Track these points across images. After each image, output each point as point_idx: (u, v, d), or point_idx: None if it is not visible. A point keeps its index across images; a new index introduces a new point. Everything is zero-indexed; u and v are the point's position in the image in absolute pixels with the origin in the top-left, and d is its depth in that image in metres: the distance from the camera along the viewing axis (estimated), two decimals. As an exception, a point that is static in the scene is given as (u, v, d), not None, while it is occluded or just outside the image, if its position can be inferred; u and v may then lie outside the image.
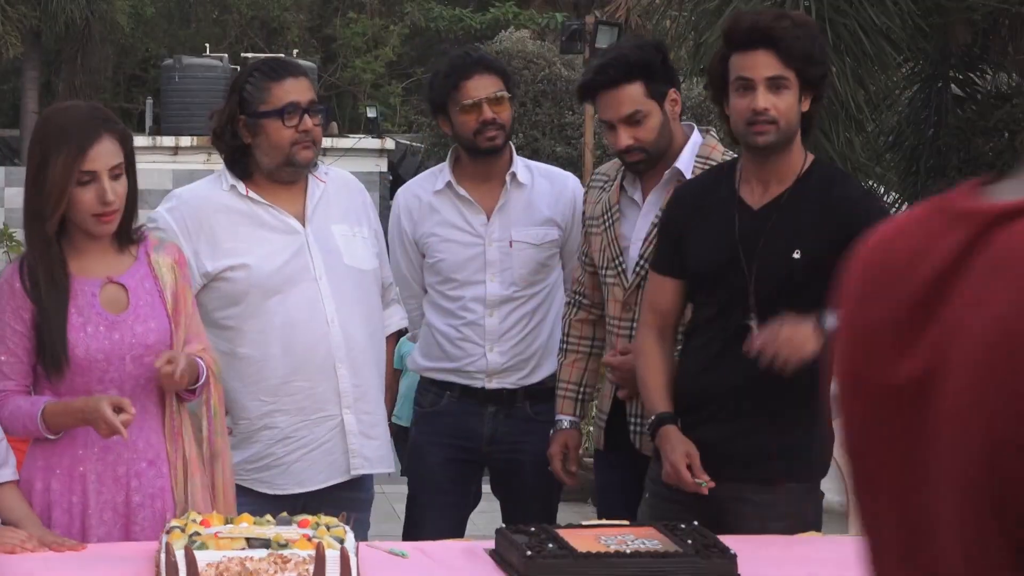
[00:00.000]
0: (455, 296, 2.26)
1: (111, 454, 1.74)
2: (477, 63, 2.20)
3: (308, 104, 2.02)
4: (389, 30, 13.67)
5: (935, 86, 3.97)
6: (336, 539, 1.41)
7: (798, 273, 1.76)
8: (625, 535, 1.55)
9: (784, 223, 1.78)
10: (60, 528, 1.72)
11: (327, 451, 2.03)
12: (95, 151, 1.70)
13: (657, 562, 1.48)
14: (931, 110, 3.95)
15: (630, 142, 1.95)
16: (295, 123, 2.00)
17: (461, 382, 2.26)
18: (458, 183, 2.24)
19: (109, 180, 1.71)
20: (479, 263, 2.24)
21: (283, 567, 1.37)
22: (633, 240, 2.02)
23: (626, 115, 1.95)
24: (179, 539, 1.40)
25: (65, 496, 1.73)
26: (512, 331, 2.24)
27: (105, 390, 1.72)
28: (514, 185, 2.24)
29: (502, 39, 10.58)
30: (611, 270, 2.03)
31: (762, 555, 1.58)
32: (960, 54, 3.96)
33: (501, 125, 2.19)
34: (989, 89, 4.00)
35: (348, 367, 2.03)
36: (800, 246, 1.77)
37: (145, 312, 1.76)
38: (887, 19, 3.45)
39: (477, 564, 1.56)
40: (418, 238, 2.28)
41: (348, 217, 2.12)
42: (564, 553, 1.49)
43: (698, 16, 3.76)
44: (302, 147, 2.02)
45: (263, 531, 1.43)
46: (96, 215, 1.72)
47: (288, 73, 2.06)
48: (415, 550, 1.60)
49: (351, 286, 2.07)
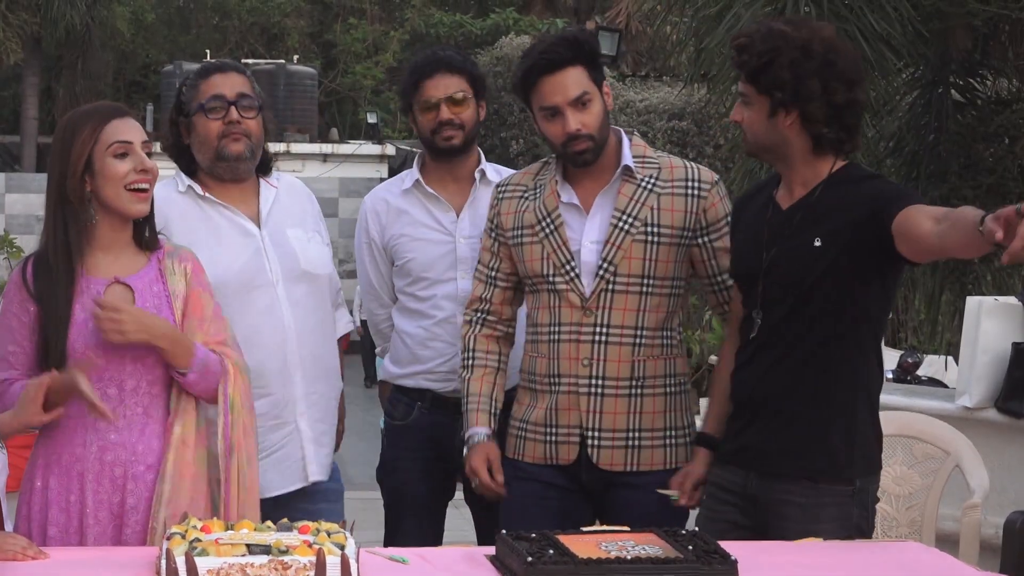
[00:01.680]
0: (425, 296, 2.26)
1: (109, 454, 1.75)
2: (439, 63, 2.22)
3: (235, 97, 2.04)
4: (389, 36, 13.70)
5: (935, 92, 3.97)
6: (337, 545, 1.42)
7: (819, 261, 1.78)
8: (625, 541, 1.56)
9: (807, 216, 1.82)
10: (57, 527, 1.73)
11: (282, 457, 2.05)
12: (123, 122, 1.74)
13: (658, 568, 1.48)
14: (931, 115, 3.95)
15: (578, 126, 1.93)
16: (220, 116, 2.03)
17: (432, 387, 2.26)
18: (426, 183, 2.27)
19: (143, 153, 1.73)
20: (449, 260, 2.24)
21: (283, 573, 1.37)
22: (585, 244, 2.00)
23: (574, 97, 1.93)
24: (180, 545, 1.41)
25: (63, 495, 1.74)
26: None
27: (104, 388, 1.72)
28: (483, 183, 2.26)
29: (502, 45, 10.63)
30: (560, 276, 2.00)
31: (763, 561, 1.60)
32: (960, 60, 3.96)
33: (460, 125, 2.21)
34: (989, 95, 4.01)
35: (303, 375, 2.05)
36: (820, 234, 1.79)
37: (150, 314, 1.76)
38: (887, 25, 3.46)
39: (478, 570, 1.56)
40: (386, 242, 2.29)
41: (303, 222, 2.13)
42: (565, 559, 1.50)
43: (699, 22, 3.77)
44: (231, 139, 2.03)
45: (264, 537, 1.44)
46: (132, 188, 1.72)
47: (216, 70, 2.08)
48: (415, 556, 1.61)
49: (307, 291, 2.08)
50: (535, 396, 2.04)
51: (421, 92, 2.21)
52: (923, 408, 2.90)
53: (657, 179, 2.01)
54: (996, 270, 3.97)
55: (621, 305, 1.97)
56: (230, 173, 2.06)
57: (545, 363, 2.01)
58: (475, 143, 2.28)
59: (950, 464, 2.37)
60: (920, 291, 3.99)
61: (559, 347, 1.99)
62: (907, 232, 1.71)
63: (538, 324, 2.03)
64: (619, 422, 1.99)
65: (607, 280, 1.98)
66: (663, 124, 9.48)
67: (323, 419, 2.10)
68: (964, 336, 3.22)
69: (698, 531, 1.62)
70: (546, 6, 13.47)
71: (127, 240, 1.78)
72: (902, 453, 2.41)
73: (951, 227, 1.61)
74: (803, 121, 1.79)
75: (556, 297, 2.00)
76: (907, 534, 2.35)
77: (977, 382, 3.12)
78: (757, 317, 1.81)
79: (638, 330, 1.98)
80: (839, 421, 1.82)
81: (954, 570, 1.64)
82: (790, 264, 1.82)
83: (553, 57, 1.93)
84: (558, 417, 2.01)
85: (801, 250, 1.80)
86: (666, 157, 2.06)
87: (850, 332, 1.82)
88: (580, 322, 1.98)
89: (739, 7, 3.53)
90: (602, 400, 1.98)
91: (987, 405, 3.13)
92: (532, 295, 2.05)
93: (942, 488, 2.37)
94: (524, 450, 2.04)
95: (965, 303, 3.33)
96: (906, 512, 2.38)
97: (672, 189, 2.00)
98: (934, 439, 2.40)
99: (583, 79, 1.94)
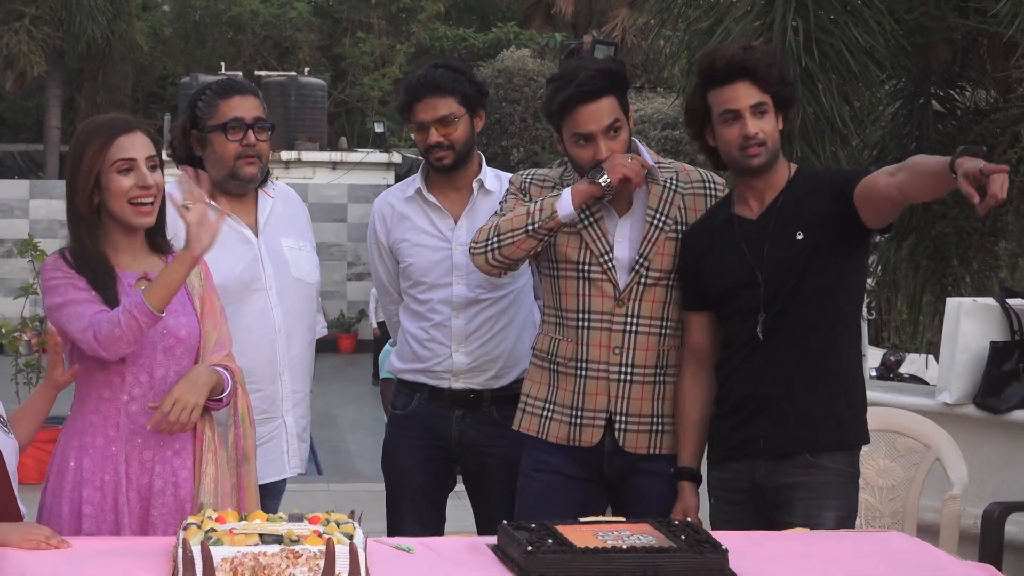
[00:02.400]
0: (424, 299, 2.33)
1: (139, 437, 1.80)
2: (426, 86, 2.26)
3: (253, 120, 2.11)
4: (396, 49, 13.86)
5: (917, 102, 4.04)
6: (346, 535, 1.46)
7: (803, 253, 1.91)
8: (621, 531, 1.60)
9: (784, 214, 1.94)
10: (92, 504, 1.77)
11: (269, 449, 2.14)
12: (129, 139, 1.78)
13: (652, 556, 1.53)
14: (913, 125, 4.02)
15: (608, 153, 2.02)
16: (239, 137, 2.10)
17: (429, 383, 2.33)
18: (428, 191, 2.32)
19: (147, 168, 1.78)
20: (446, 266, 2.30)
21: (295, 562, 1.41)
22: (618, 240, 2.07)
23: (607, 125, 2.01)
24: (195, 535, 1.44)
25: (97, 474, 1.79)
26: (477, 332, 2.31)
27: (136, 377, 1.79)
28: (482, 192, 2.32)
29: (504, 57, 10.75)
30: (596, 267, 2.07)
31: (752, 550, 1.65)
32: (941, 72, 4.02)
33: (450, 146, 2.26)
34: (968, 105, 4.07)
35: (290, 373, 2.13)
36: (801, 228, 1.92)
37: (177, 308, 1.81)
38: (871, 39, 3.54)
39: (480, 559, 1.60)
40: (392, 244, 2.36)
41: (294, 231, 2.21)
42: (563, 548, 1.54)
43: (691, 36, 3.84)
44: (246, 161, 2.11)
45: (276, 527, 1.47)
46: (134, 205, 1.78)
47: (235, 91, 2.14)
48: (420, 545, 1.64)
49: (297, 298, 2.17)
50: (557, 377, 2.09)
51: (413, 114, 2.29)
52: (905, 404, 2.94)
53: (677, 181, 2.10)
54: (975, 272, 4.04)
55: (651, 297, 2.05)
56: (239, 190, 2.15)
57: (572, 347, 2.07)
58: (473, 153, 2.33)
59: (931, 458, 2.41)
60: (903, 292, 4.06)
61: (589, 334, 2.05)
62: (868, 195, 1.84)
63: (563, 309, 2.08)
64: (644, 408, 2.06)
65: (640, 275, 2.06)
66: (657, 133, 9.61)
67: (305, 416, 2.21)
68: (944, 335, 3.27)
69: (690, 522, 1.67)
70: (545, 21, 13.63)
71: (140, 243, 1.85)
72: (885, 447, 2.45)
73: (910, 174, 1.76)
74: (784, 121, 1.98)
75: (588, 285, 2.07)
76: (890, 524, 2.39)
77: (957, 379, 3.14)
78: (762, 318, 1.89)
79: (664, 321, 2.06)
80: (841, 393, 1.93)
81: (935, 559, 1.70)
82: (780, 261, 1.92)
83: (591, 88, 2.00)
84: (585, 401, 2.07)
85: (787, 245, 1.92)
86: (676, 163, 2.16)
87: (839, 307, 1.94)
88: (612, 312, 2.05)
89: (729, 21, 3.60)
90: (630, 387, 2.05)
91: (966, 401, 3.14)
92: (552, 279, 2.10)
93: (923, 480, 2.41)
94: (549, 430, 2.08)
95: (945, 304, 3.40)
96: (889, 503, 2.40)
97: (693, 190, 2.10)
98: (916, 434, 2.44)
99: (615, 107, 2.02)
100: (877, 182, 1.84)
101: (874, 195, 1.84)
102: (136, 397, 1.81)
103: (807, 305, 1.92)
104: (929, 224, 4.00)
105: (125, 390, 1.80)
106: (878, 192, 1.84)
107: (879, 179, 1.84)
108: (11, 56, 12.63)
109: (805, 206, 1.93)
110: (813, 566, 1.62)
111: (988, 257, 4.08)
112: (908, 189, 1.79)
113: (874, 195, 1.84)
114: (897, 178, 1.80)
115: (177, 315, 1.83)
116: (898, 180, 1.79)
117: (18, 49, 12.23)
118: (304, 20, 14.54)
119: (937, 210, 3.99)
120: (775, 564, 1.62)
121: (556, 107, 2.05)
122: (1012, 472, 3.10)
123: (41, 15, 12.21)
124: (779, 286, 1.92)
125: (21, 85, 13.82)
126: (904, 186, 1.78)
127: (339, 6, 15.25)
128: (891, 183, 1.81)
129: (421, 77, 2.32)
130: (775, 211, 1.95)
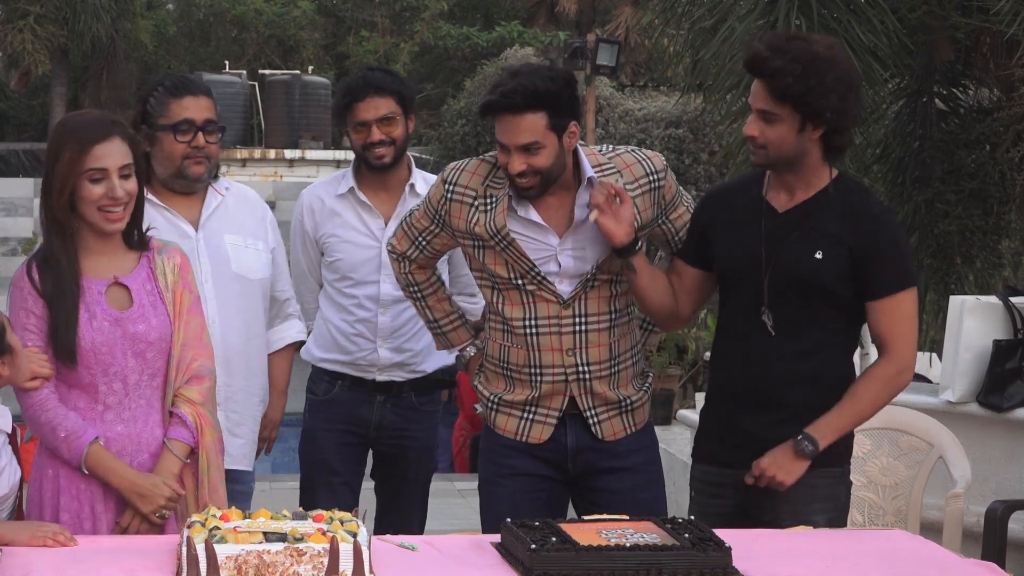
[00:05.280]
0: (350, 294, 2.39)
1: (115, 445, 1.81)
2: (368, 86, 2.33)
3: (203, 123, 2.13)
4: (400, 48, 13.88)
5: (920, 101, 4.04)
6: (349, 533, 1.46)
7: (818, 274, 1.87)
8: (625, 529, 1.61)
9: (808, 225, 1.88)
10: (69, 513, 1.79)
11: None
12: (102, 148, 1.78)
13: (655, 554, 1.53)
14: (916, 124, 4.03)
15: (523, 167, 1.95)
16: (187, 139, 2.13)
17: (353, 374, 2.40)
18: (360, 189, 2.38)
19: (118, 178, 1.78)
20: (374, 264, 2.37)
21: (299, 560, 1.41)
22: (562, 254, 2.00)
23: (522, 144, 1.93)
24: (200, 533, 1.44)
25: (74, 483, 1.80)
26: (402, 329, 2.38)
27: (109, 386, 1.80)
28: (412, 194, 2.39)
29: (507, 56, 10.78)
30: (527, 279, 2.02)
31: (756, 548, 1.65)
32: (944, 70, 4.02)
33: (391, 143, 2.33)
34: (971, 104, 4.07)
35: (222, 368, 2.12)
36: (823, 248, 1.88)
37: (147, 311, 1.83)
38: (874, 37, 3.54)
39: (484, 557, 1.61)
40: (318, 238, 2.41)
41: (244, 229, 2.22)
42: (567, 546, 1.54)
43: (695, 35, 3.85)
44: (193, 162, 2.14)
45: (279, 525, 1.47)
46: (104, 212, 1.79)
47: (187, 91, 2.15)
48: (424, 543, 1.65)
49: (235, 292, 2.18)
50: (513, 383, 2.06)
51: (353, 114, 2.34)
52: (908, 403, 2.93)
53: (622, 182, 2.02)
54: (978, 271, 4.05)
55: (596, 295, 2.03)
56: (185, 188, 2.18)
57: (524, 354, 2.03)
58: (405, 155, 2.39)
59: (934, 456, 2.41)
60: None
61: (538, 339, 2.02)
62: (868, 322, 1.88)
63: (509, 318, 2.03)
64: (609, 396, 2.05)
65: (589, 283, 2.03)
66: (660, 132, 9.62)
67: (240, 411, 2.21)
68: (947, 334, 3.27)
69: (694, 520, 1.67)
70: (549, 20, 13.65)
71: (117, 242, 1.86)
72: (888, 445, 2.44)
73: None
74: (829, 133, 1.85)
75: (529, 295, 2.03)
76: (893, 522, 2.38)
77: (960, 378, 3.13)
78: (766, 315, 1.87)
79: (612, 314, 2.04)
80: (831, 395, 1.90)
81: (938, 557, 1.70)
82: (792, 270, 1.89)
83: (511, 101, 1.92)
84: (540, 400, 2.05)
85: (803, 259, 1.88)
86: (616, 155, 2.05)
87: (843, 326, 1.91)
88: (559, 315, 2.02)
89: (733, 20, 3.60)
90: (591, 383, 2.03)
91: (969, 399, 3.13)
92: (493, 290, 2.05)
93: (926, 479, 2.41)
94: (496, 421, 2.06)
95: (948, 302, 3.41)
96: (892, 501, 2.40)
97: (639, 189, 2.02)
98: (919, 432, 2.44)
99: (539, 127, 1.92)
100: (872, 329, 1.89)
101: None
102: (111, 405, 1.82)
103: (814, 319, 1.89)
104: (932, 223, 4.00)
105: (100, 399, 1.82)
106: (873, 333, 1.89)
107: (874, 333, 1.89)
108: (15, 54, 12.66)
109: (832, 223, 1.87)
110: (816, 564, 1.63)
111: (991, 256, 4.08)
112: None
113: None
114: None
115: (148, 319, 1.84)
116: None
117: (22, 47, 12.26)
118: (308, 19, 14.58)
119: (940, 209, 3.99)
120: (778, 562, 1.62)
121: (483, 109, 1.98)
122: (1015, 470, 3.10)
123: (45, 13, 12.24)
124: (784, 292, 1.89)
125: (26, 83, 13.85)
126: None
127: (343, 5, 15.27)
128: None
129: (360, 79, 2.40)
130: (803, 214, 1.88)
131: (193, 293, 1.90)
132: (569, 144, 1.99)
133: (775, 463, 1.87)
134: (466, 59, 13.04)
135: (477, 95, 10.63)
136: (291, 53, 15.04)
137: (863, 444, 2.44)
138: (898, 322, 1.88)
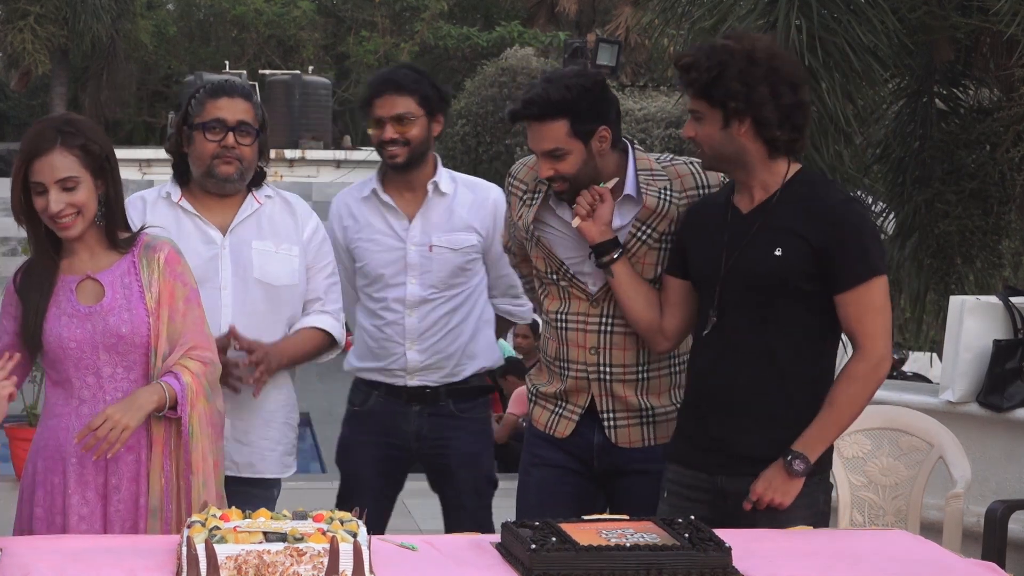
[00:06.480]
0: (379, 297, 2.39)
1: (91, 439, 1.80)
2: (387, 84, 2.33)
3: (235, 123, 2.14)
4: (400, 48, 13.90)
5: (920, 101, 4.03)
6: (349, 533, 1.46)
7: (779, 271, 1.85)
8: (625, 529, 1.61)
9: (769, 224, 1.88)
10: (42, 507, 1.81)
11: None
12: (40, 163, 1.80)
13: (655, 555, 1.53)
14: (916, 124, 4.02)
15: (551, 173, 2.01)
16: (217, 138, 2.15)
17: (386, 381, 2.38)
18: (384, 191, 2.38)
19: (57, 191, 1.79)
20: (400, 265, 2.36)
21: (299, 560, 1.42)
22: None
23: (546, 151, 1.99)
24: (200, 533, 1.45)
25: (47, 477, 1.82)
26: (431, 330, 2.36)
27: (83, 377, 1.82)
28: (436, 193, 2.37)
29: (508, 56, 10.79)
30: (560, 276, 2.08)
31: (755, 548, 1.65)
32: (944, 70, 4.01)
33: (404, 143, 2.32)
34: (971, 104, 4.06)
35: None
36: (782, 245, 1.86)
37: (119, 305, 1.84)
38: (874, 37, 3.53)
39: (484, 557, 1.62)
40: (348, 243, 2.41)
41: (278, 235, 2.21)
42: (567, 546, 1.55)
43: (694, 34, 3.84)
44: (223, 162, 2.15)
45: (280, 525, 1.47)
46: (53, 221, 1.82)
47: (224, 93, 2.17)
48: (424, 543, 1.66)
49: (258, 299, 2.17)
50: (550, 375, 2.14)
51: (371, 110, 2.35)
52: (908, 403, 2.94)
53: (671, 191, 2.05)
54: (978, 271, 4.04)
55: None
56: (217, 189, 2.19)
57: (556, 347, 2.10)
58: (427, 156, 2.37)
59: (934, 456, 2.41)
60: (906, 291, 4.05)
61: (567, 334, 2.07)
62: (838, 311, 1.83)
63: (548, 310, 2.12)
64: (631, 403, 2.07)
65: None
66: (660, 132, 9.64)
67: (246, 419, 2.18)
68: (947, 334, 3.27)
69: (694, 520, 1.67)
70: (549, 20, 13.67)
71: (95, 240, 1.87)
72: (888, 445, 2.45)
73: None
74: (756, 127, 1.84)
75: (563, 289, 2.10)
76: (893, 522, 2.39)
77: (960, 378, 3.12)
78: (712, 317, 1.87)
79: None
80: (805, 399, 1.88)
81: (938, 557, 1.70)
82: (753, 269, 1.87)
83: (530, 110, 1.97)
84: (567, 396, 2.10)
85: (762, 258, 1.86)
86: (672, 165, 2.09)
87: (814, 323, 1.87)
88: (587, 312, 2.07)
89: (733, 20, 3.60)
90: (611, 385, 2.06)
91: (969, 399, 3.13)
92: (538, 281, 2.15)
93: (927, 479, 2.41)
94: (534, 414, 2.13)
95: (949, 302, 3.41)
96: (892, 502, 2.40)
97: (686, 199, 2.05)
98: (919, 432, 2.44)
99: (560, 134, 1.96)
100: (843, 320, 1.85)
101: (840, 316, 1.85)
102: (86, 399, 1.84)
103: (777, 322, 1.86)
104: (932, 223, 4.00)
105: (75, 394, 1.84)
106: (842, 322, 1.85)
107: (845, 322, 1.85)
108: (16, 54, 12.69)
109: (793, 220, 1.85)
110: (816, 564, 1.63)
111: (991, 256, 4.08)
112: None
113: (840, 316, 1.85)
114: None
115: (119, 312, 1.84)
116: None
117: (23, 47, 12.28)
118: (308, 19, 14.61)
119: (940, 209, 3.99)
120: (778, 562, 1.63)
121: (512, 116, 2.05)
122: (1015, 470, 3.10)
123: (46, 14, 12.27)
124: (744, 295, 1.87)
125: (26, 84, 13.87)
126: None
127: (343, 5, 15.30)
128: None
129: (384, 75, 2.41)
130: (764, 213, 1.87)
131: (188, 285, 1.89)
132: (599, 148, 2.01)
133: (770, 487, 1.85)
134: (466, 59, 13.07)
135: (477, 95, 10.66)
136: (291, 53, 15.06)
137: (863, 444, 2.44)
138: (866, 313, 1.82)
